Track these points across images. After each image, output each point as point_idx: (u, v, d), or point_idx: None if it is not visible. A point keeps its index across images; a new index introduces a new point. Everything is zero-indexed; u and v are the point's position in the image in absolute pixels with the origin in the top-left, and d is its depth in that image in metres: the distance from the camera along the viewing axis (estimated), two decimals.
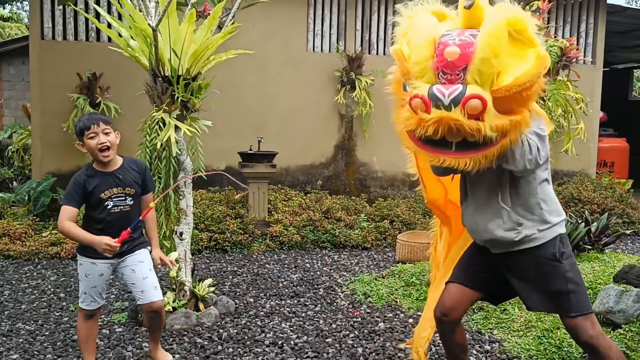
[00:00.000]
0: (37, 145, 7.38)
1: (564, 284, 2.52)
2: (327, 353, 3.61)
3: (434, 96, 2.16)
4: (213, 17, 4.04)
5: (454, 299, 2.76)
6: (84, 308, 3.15)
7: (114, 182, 3.01)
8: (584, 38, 9.21)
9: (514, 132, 2.21)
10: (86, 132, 2.92)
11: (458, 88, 2.15)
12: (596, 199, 7.66)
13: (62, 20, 7.37)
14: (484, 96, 2.10)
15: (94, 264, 3.04)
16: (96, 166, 3.01)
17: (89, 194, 2.95)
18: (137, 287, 3.11)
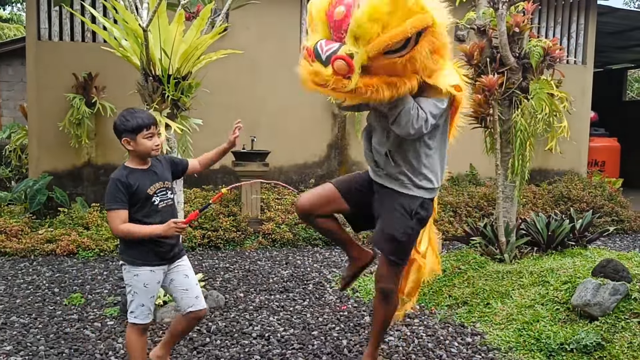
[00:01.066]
0: (33, 144, 7.48)
1: (401, 234, 2.92)
2: (312, 345, 3.70)
3: (316, 50, 2.52)
4: (202, 18, 4.14)
5: (321, 196, 3.15)
6: (140, 323, 2.89)
7: (154, 178, 2.87)
8: (575, 39, 9.32)
9: (386, 93, 2.52)
10: (145, 131, 2.79)
11: (334, 47, 2.47)
12: (585, 198, 7.76)
13: (59, 21, 7.47)
14: (350, 59, 2.41)
15: (153, 271, 2.86)
16: (132, 165, 2.85)
17: (133, 193, 2.77)
18: (191, 292, 2.97)
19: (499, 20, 4.71)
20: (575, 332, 3.51)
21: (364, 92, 2.51)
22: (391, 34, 2.39)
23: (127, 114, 2.84)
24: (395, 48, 2.45)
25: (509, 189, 5.07)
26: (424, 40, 2.47)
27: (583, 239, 5.21)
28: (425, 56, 2.50)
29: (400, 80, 2.54)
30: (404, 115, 2.66)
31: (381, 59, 2.46)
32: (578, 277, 4.05)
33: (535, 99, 4.72)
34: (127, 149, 2.83)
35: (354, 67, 2.43)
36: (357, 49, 2.43)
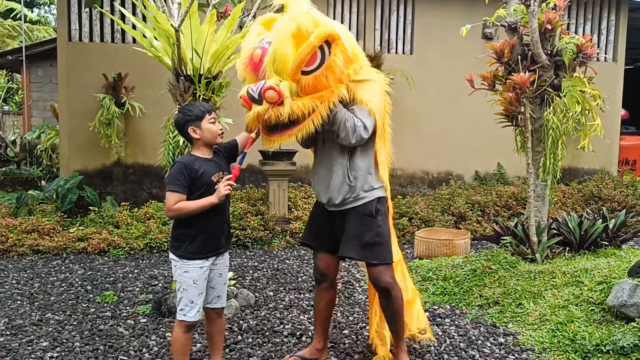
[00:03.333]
0: (64, 144, 7.60)
1: (374, 236, 3.06)
2: (343, 344, 3.70)
3: (249, 94, 2.78)
4: (233, 18, 4.17)
5: (324, 264, 3.34)
6: (190, 320, 2.89)
7: (216, 167, 2.93)
8: (605, 35, 9.17)
9: (321, 107, 2.77)
10: (208, 116, 2.89)
11: (260, 84, 2.74)
12: (616, 197, 7.64)
13: (89, 22, 7.58)
14: (276, 86, 2.68)
15: (202, 267, 2.88)
16: (198, 153, 2.92)
17: (196, 179, 2.82)
18: (216, 291, 3.02)
19: (531, 17, 4.66)
20: (611, 333, 3.45)
21: (301, 114, 2.74)
22: (300, 51, 2.67)
23: (187, 106, 2.98)
24: (313, 66, 2.73)
25: (540, 188, 5.02)
26: (335, 49, 2.73)
27: (616, 239, 5.12)
28: (342, 64, 2.77)
29: (329, 91, 2.78)
30: (342, 128, 2.91)
31: (305, 79, 2.73)
32: (613, 278, 3.99)
33: (568, 96, 4.65)
34: (193, 138, 2.91)
35: (282, 91, 2.68)
36: (279, 77, 2.72)
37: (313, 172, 3.29)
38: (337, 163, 3.09)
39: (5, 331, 3.90)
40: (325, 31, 2.70)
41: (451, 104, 8.33)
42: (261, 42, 2.84)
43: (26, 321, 4.08)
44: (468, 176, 8.88)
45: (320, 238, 3.32)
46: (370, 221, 3.08)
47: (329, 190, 3.12)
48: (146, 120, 7.45)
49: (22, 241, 6.13)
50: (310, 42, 2.66)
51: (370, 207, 3.09)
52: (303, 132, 2.82)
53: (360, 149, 3.08)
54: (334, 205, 3.14)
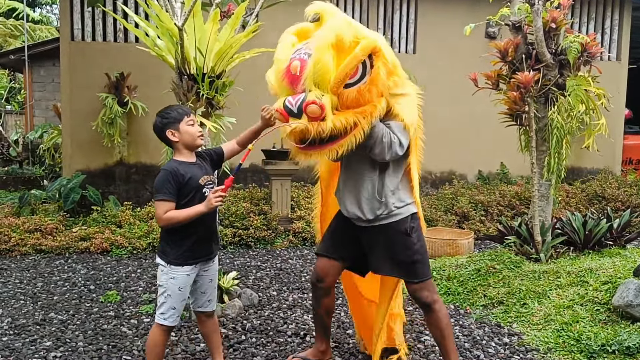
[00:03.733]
0: (67, 143, 7.59)
1: (411, 255, 2.95)
2: (347, 344, 3.69)
3: (287, 107, 2.66)
4: (236, 17, 4.15)
5: (323, 269, 3.19)
6: (169, 325, 2.88)
7: (202, 170, 2.90)
8: (609, 34, 9.15)
9: (363, 122, 2.65)
10: (186, 119, 2.85)
11: (300, 97, 2.62)
12: (620, 196, 7.62)
13: (91, 22, 7.57)
14: (319, 100, 2.58)
15: (189, 275, 2.86)
16: (181, 158, 2.87)
17: (184, 185, 2.78)
18: (207, 295, 3.03)
19: (535, 16, 4.64)
20: (617, 334, 3.43)
21: (343, 129, 2.62)
22: (345, 64, 2.56)
23: (165, 110, 2.93)
24: (355, 79, 2.63)
25: (545, 187, 5.00)
26: (378, 61, 2.64)
27: (621, 239, 5.10)
28: (384, 77, 2.67)
29: (371, 106, 2.67)
30: (378, 143, 2.77)
31: (347, 93, 2.62)
32: (618, 278, 3.97)
33: (573, 95, 4.63)
34: (172, 142, 2.86)
35: (324, 105, 2.57)
36: (323, 93, 2.60)
37: (339, 185, 3.15)
38: (367, 178, 2.97)
39: (9, 331, 3.89)
40: (369, 44, 2.61)
41: (454, 103, 8.31)
42: (297, 53, 2.72)
43: (29, 321, 4.07)
44: (471, 176, 8.86)
45: (337, 247, 3.19)
46: (406, 240, 2.96)
47: (359, 207, 2.99)
48: (149, 119, 7.42)
49: (24, 241, 6.13)
50: (356, 55, 2.57)
51: (404, 225, 2.97)
52: (344, 147, 2.69)
53: (392, 165, 2.96)
54: (364, 221, 3.02)
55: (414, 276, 2.97)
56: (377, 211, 2.96)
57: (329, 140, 2.67)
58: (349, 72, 2.57)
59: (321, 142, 2.68)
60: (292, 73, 2.68)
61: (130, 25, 4.63)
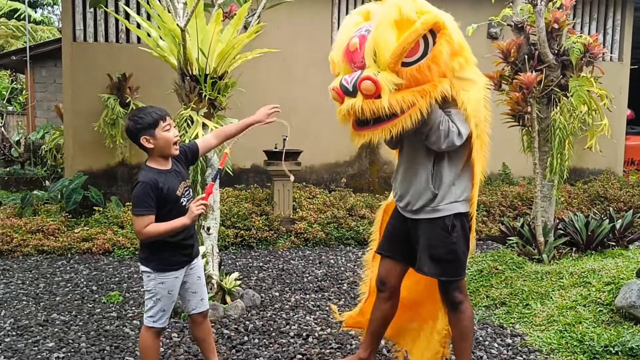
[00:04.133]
0: (69, 144, 7.59)
1: (446, 253, 2.84)
2: (350, 344, 3.69)
3: (343, 86, 2.55)
4: (239, 17, 4.15)
5: (384, 270, 3.09)
6: (159, 327, 2.86)
7: (178, 178, 2.78)
8: (611, 35, 9.14)
9: (421, 102, 2.50)
10: (162, 123, 2.69)
11: (356, 74, 2.51)
12: (622, 197, 7.61)
13: (93, 23, 7.58)
14: (374, 77, 2.44)
15: (177, 277, 2.82)
16: (156, 166, 2.74)
17: (162, 197, 2.67)
18: (199, 294, 2.97)
19: (538, 17, 4.64)
20: (620, 335, 3.43)
21: (399, 108, 2.48)
22: (404, 38, 2.42)
23: (138, 112, 2.74)
24: (416, 57, 2.48)
25: (547, 188, 4.99)
26: (441, 38, 2.48)
27: (623, 239, 5.09)
28: (447, 56, 2.51)
29: (431, 85, 2.53)
30: (435, 130, 2.66)
31: (406, 71, 2.48)
32: (621, 278, 3.96)
33: (575, 96, 4.63)
34: (147, 148, 2.71)
35: (379, 82, 2.44)
36: (378, 68, 2.48)
37: (396, 173, 3.06)
38: (421, 166, 2.85)
39: (11, 332, 3.89)
40: (431, 18, 2.44)
41: None
42: (359, 31, 2.59)
43: (32, 321, 4.07)
44: None
45: (395, 247, 3.08)
46: (444, 236, 2.83)
47: (410, 194, 2.89)
48: None
49: (27, 241, 6.13)
50: (415, 29, 2.40)
51: (446, 222, 2.83)
52: (398, 127, 2.54)
53: (449, 156, 2.80)
54: (411, 211, 2.92)
55: (442, 274, 2.88)
56: (426, 202, 2.83)
57: (383, 119, 2.53)
58: (407, 47, 2.42)
59: (376, 121, 2.55)
60: (350, 50, 2.58)
61: (132, 26, 4.63)
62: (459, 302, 2.91)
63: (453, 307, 2.94)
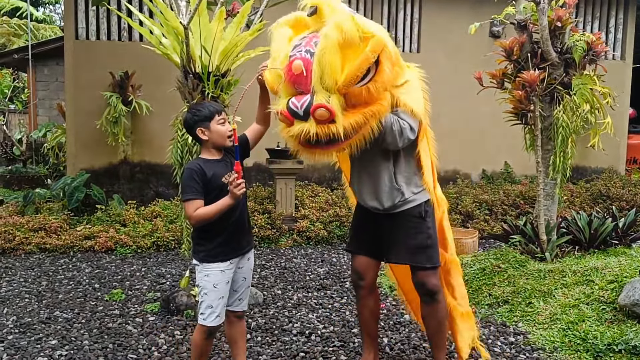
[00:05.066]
0: (71, 142, 7.60)
1: (426, 238, 2.97)
2: (353, 342, 3.69)
3: (291, 110, 2.56)
4: (242, 15, 4.15)
5: (360, 266, 3.16)
6: (209, 325, 2.82)
7: (228, 167, 2.82)
8: (613, 33, 9.13)
9: (372, 121, 2.60)
10: (217, 117, 2.81)
11: (307, 99, 2.51)
12: (625, 196, 7.60)
13: (96, 21, 7.58)
14: (327, 104, 2.47)
15: (223, 271, 2.82)
16: (207, 156, 2.86)
17: (207, 183, 2.75)
18: (239, 294, 2.97)
19: (541, 15, 4.63)
20: (623, 333, 3.42)
21: (353, 130, 2.55)
22: (357, 66, 2.47)
23: (197, 106, 2.89)
24: (363, 78, 2.53)
25: (550, 186, 4.99)
26: (383, 58, 2.54)
27: (626, 238, 5.09)
28: (389, 72, 2.60)
29: (378, 104, 2.61)
30: (389, 132, 2.74)
31: (353, 91, 2.53)
32: (625, 277, 3.96)
33: (578, 94, 4.62)
34: (201, 139, 2.83)
35: (334, 110, 2.48)
36: (330, 93, 2.50)
37: (353, 178, 3.13)
38: (382, 168, 2.95)
39: (14, 329, 3.89)
40: (379, 43, 2.51)
41: (458, 102, 8.30)
42: (297, 50, 2.59)
43: (34, 319, 4.08)
44: (475, 175, 8.85)
45: (363, 242, 3.18)
46: (421, 223, 2.97)
47: (377, 197, 2.98)
48: (153, 118, 7.45)
49: (29, 239, 6.13)
50: (367, 57, 2.47)
51: (419, 209, 2.97)
52: (353, 147, 2.65)
53: (404, 151, 2.94)
54: (382, 210, 3.01)
55: (426, 261, 2.97)
56: (396, 199, 2.95)
57: (337, 140, 2.58)
58: (360, 75, 2.49)
59: (329, 142, 2.59)
60: (295, 73, 2.55)
61: (135, 23, 4.63)
62: (437, 292, 3.00)
63: (430, 297, 3.01)
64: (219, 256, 2.81)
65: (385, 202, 2.97)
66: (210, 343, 2.95)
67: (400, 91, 2.81)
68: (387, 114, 2.69)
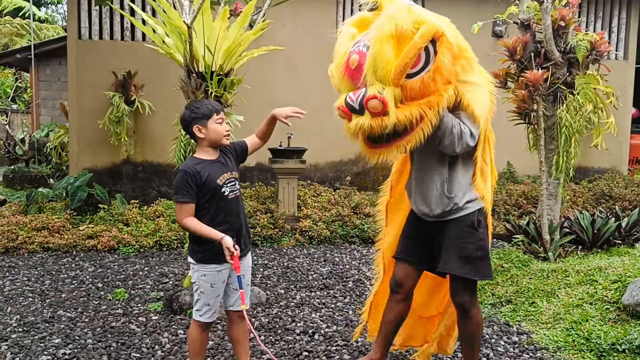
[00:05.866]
0: (74, 141, 7.60)
1: (476, 250, 2.81)
2: (356, 342, 3.68)
3: (349, 104, 2.52)
4: (245, 14, 4.15)
5: (402, 273, 3.06)
6: (206, 321, 2.88)
7: (222, 168, 2.83)
8: (616, 33, 9.12)
9: (430, 114, 2.50)
10: (215, 116, 2.79)
11: (361, 92, 2.48)
12: (627, 196, 7.59)
13: (99, 20, 7.58)
14: (379, 95, 2.42)
15: (220, 271, 2.82)
16: (202, 156, 2.84)
17: (202, 184, 2.74)
18: (239, 293, 2.91)
19: (544, 14, 4.63)
20: (627, 333, 3.42)
21: (408, 123, 2.48)
22: (405, 53, 2.40)
23: (195, 103, 2.88)
24: (418, 68, 2.46)
25: (553, 186, 4.99)
26: (441, 47, 2.46)
27: (629, 238, 5.09)
28: (449, 63, 2.49)
29: (437, 96, 2.52)
30: (447, 135, 2.64)
31: (410, 84, 2.46)
32: (628, 276, 3.95)
33: (582, 94, 4.62)
34: (198, 138, 2.81)
35: (386, 99, 2.42)
36: (384, 85, 2.45)
37: (409, 180, 3.04)
38: (435, 173, 2.83)
39: (18, 328, 3.90)
40: (429, 30, 2.42)
41: None
42: (357, 46, 2.57)
43: (38, 318, 4.08)
44: None
45: (409, 249, 3.06)
46: (472, 233, 2.82)
47: (426, 202, 2.88)
48: (155, 118, 7.46)
49: (32, 238, 6.14)
50: (415, 44, 2.39)
51: (472, 218, 2.83)
52: (412, 143, 2.56)
53: (462, 158, 2.80)
54: (432, 216, 2.89)
55: (474, 273, 2.83)
56: (447, 207, 2.83)
57: (395, 136, 2.54)
58: (409, 62, 2.40)
59: (388, 138, 2.55)
60: (352, 67, 2.55)
61: (139, 22, 4.63)
62: (470, 307, 2.89)
63: (463, 311, 2.91)
64: (216, 258, 2.80)
65: (435, 209, 2.85)
66: (207, 335, 2.98)
67: (467, 89, 2.67)
68: (445, 105, 2.56)
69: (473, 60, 2.73)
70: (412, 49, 2.39)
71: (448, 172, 2.81)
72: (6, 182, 10.51)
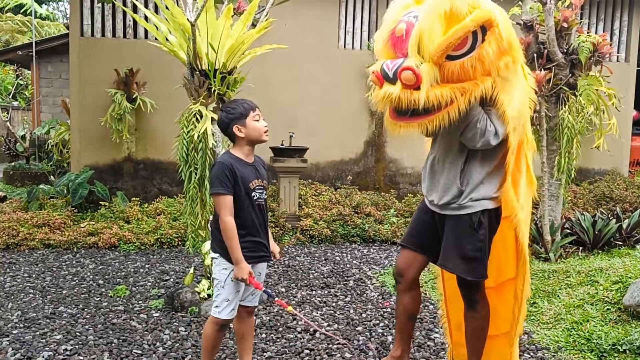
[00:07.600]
0: (75, 139, 7.60)
1: (474, 251, 2.75)
2: (357, 340, 3.69)
3: (383, 71, 2.47)
4: (249, 12, 4.15)
5: (403, 261, 3.00)
6: (224, 318, 2.85)
7: (256, 174, 2.85)
8: (618, 36, 9.12)
9: (460, 100, 2.41)
10: (252, 113, 2.80)
11: (398, 62, 2.42)
12: (628, 197, 7.60)
13: (101, 18, 7.58)
14: (415, 68, 2.35)
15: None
16: (239, 154, 2.83)
17: (237, 180, 2.75)
18: (253, 289, 2.96)
19: (547, 15, 4.63)
20: (627, 333, 3.43)
21: (437, 103, 2.40)
22: (452, 33, 2.32)
23: (230, 104, 2.87)
24: (462, 52, 2.38)
25: (555, 187, 4.99)
26: (490, 36, 2.37)
27: (630, 239, 5.09)
28: (494, 55, 2.40)
29: (472, 83, 2.42)
30: (472, 127, 2.57)
31: (450, 66, 2.38)
32: (629, 277, 3.96)
33: (584, 95, 4.63)
34: (237, 137, 2.81)
35: (420, 74, 2.35)
36: (423, 60, 2.38)
37: (425, 164, 2.99)
38: (452, 161, 2.77)
39: (19, 324, 3.90)
40: (483, 15, 2.33)
41: None
42: (407, 15, 2.49)
43: (39, 314, 4.09)
44: None
45: (414, 236, 3.02)
46: (472, 233, 2.76)
47: (437, 188, 2.83)
48: (157, 115, 7.46)
49: (33, 235, 6.15)
50: (464, 25, 2.31)
51: (473, 218, 2.76)
52: (435, 123, 2.46)
53: (482, 154, 2.72)
54: (437, 206, 2.85)
55: (470, 274, 2.79)
56: (453, 198, 2.76)
57: (420, 113, 2.46)
58: (454, 42, 2.33)
59: (413, 113, 2.49)
60: (397, 35, 2.48)
61: (143, 20, 4.64)
62: (477, 301, 2.86)
63: (470, 305, 2.89)
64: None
65: (442, 197, 2.80)
66: (222, 336, 2.96)
67: (504, 86, 2.55)
68: (479, 95, 2.46)
69: (520, 61, 2.62)
70: (461, 30, 2.32)
71: (464, 163, 2.74)
72: (7, 179, 10.50)
